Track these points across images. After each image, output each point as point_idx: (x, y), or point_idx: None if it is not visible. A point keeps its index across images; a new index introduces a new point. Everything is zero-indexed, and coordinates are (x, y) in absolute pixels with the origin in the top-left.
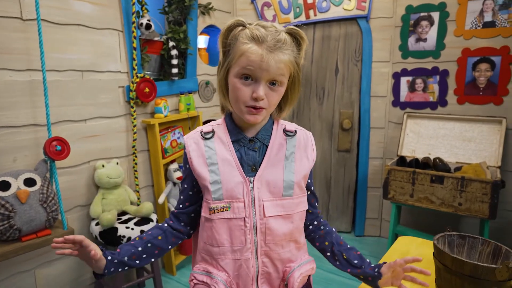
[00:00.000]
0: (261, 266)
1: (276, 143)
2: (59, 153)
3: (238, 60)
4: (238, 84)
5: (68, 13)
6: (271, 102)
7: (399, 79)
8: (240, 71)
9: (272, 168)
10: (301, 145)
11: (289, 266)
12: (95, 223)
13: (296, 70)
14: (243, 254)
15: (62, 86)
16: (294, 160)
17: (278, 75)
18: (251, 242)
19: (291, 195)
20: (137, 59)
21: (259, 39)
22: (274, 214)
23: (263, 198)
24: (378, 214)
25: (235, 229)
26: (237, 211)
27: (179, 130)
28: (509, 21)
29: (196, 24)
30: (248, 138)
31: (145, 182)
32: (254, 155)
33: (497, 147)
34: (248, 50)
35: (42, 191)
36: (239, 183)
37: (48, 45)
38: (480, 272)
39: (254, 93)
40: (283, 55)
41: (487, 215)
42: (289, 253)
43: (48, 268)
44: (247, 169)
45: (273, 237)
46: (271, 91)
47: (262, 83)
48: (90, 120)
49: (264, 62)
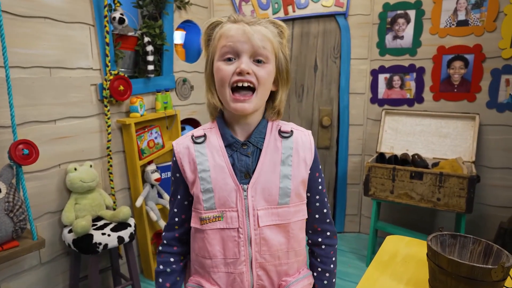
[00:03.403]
0: (256, 279)
1: (271, 146)
2: (27, 157)
3: (218, 43)
4: (221, 65)
5: (33, 4)
6: (260, 78)
7: (377, 76)
8: (222, 53)
9: (267, 174)
10: (299, 147)
11: (285, 281)
12: (67, 231)
13: (282, 55)
14: (236, 267)
15: (27, 84)
16: (291, 164)
17: (260, 46)
18: (245, 255)
19: (288, 203)
20: (110, 55)
21: (236, 19)
22: (269, 223)
23: (258, 206)
24: (358, 210)
25: (228, 240)
26: (230, 221)
27: (156, 129)
28: (481, 20)
29: (172, 19)
30: (241, 142)
31: (121, 185)
32: (247, 160)
33: (471, 142)
34: (226, 29)
35: (7, 200)
36: (232, 191)
37: (11, 39)
38: (476, 273)
39: (237, 68)
40: (263, 28)
41: (464, 209)
42: (287, 265)
43: (16, 281)
44: (240, 176)
45: (268, 248)
46: (257, 67)
47: (245, 56)
48: (60, 121)
49: (242, 34)
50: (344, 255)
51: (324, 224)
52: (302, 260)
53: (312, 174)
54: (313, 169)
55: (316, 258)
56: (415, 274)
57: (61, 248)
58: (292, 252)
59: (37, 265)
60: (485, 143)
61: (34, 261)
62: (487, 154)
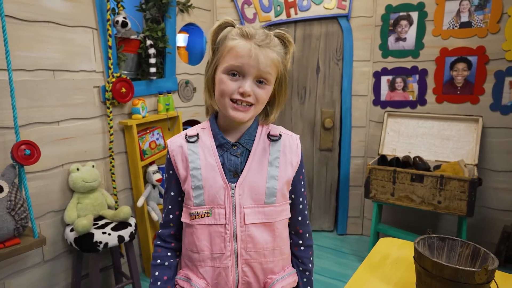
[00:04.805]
0: (242, 275)
1: (259, 148)
2: (28, 158)
3: (227, 55)
4: (225, 79)
5: (37, 9)
6: (259, 98)
7: (380, 78)
8: (228, 67)
9: (255, 174)
10: (286, 150)
11: (271, 278)
12: (69, 229)
13: (283, 72)
14: (222, 262)
15: (31, 87)
16: (278, 166)
17: (265, 72)
18: (231, 250)
19: (274, 202)
20: (113, 58)
21: (248, 35)
22: (255, 221)
23: (244, 205)
24: (360, 213)
25: (215, 235)
26: (218, 217)
27: (158, 131)
28: (485, 21)
29: (175, 22)
30: (231, 143)
31: (123, 185)
32: (235, 160)
33: (474, 145)
34: (236, 45)
35: (9, 198)
36: (221, 189)
37: (15, 43)
38: (459, 276)
39: (240, 88)
40: (272, 52)
41: (465, 212)
42: (272, 263)
43: (19, 278)
44: (229, 175)
45: (254, 245)
46: (258, 88)
47: (250, 79)
48: (63, 122)
49: (252, 56)
50: (345, 257)
51: (305, 226)
52: (287, 258)
53: (297, 176)
54: (298, 172)
55: (297, 258)
56: (404, 276)
57: (63, 246)
58: (277, 251)
59: (40, 262)
60: (488, 145)
61: (37, 259)
62: (491, 157)
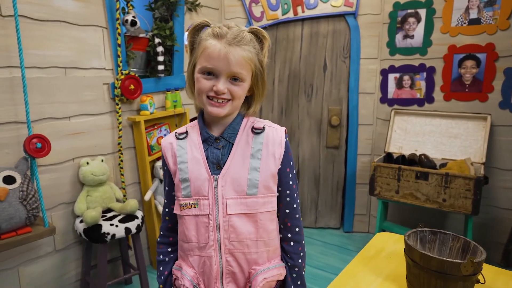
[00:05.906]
0: (226, 265)
1: (242, 141)
2: (39, 151)
3: (201, 56)
4: (200, 78)
5: (49, 9)
6: (234, 95)
7: (387, 76)
8: (202, 68)
9: (237, 166)
10: (269, 142)
11: (254, 269)
12: (79, 221)
13: (259, 68)
14: (206, 251)
15: (44, 83)
16: (260, 158)
17: (237, 70)
18: (214, 240)
19: (256, 193)
20: (122, 56)
21: (219, 35)
22: (237, 212)
23: (227, 196)
24: (367, 210)
25: (200, 225)
26: (203, 208)
27: (165, 127)
28: (494, 18)
29: (183, 20)
30: (214, 137)
31: (132, 179)
32: (217, 153)
33: (482, 143)
34: (208, 46)
35: (22, 189)
36: (205, 181)
37: (29, 42)
38: (446, 267)
39: (214, 86)
40: (242, 50)
41: (470, 211)
42: (256, 254)
43: (32, 266)
44: (212, 167)
45: (237, 235)
46: (232, 85)
47: (223, 78)
48: (74, 118)
49: (222, 55)
50: (351, 254)
51: (294, 219)
52: (273, 251)
53: (282, 169)
54: (283, 164)
55: (286, 253)
56: (396, 269)
57: (74, 237)
58: (261, 242)
59: (52, 251)
60: (497, 144)
61: (49, 248)
62: (499, 155)
